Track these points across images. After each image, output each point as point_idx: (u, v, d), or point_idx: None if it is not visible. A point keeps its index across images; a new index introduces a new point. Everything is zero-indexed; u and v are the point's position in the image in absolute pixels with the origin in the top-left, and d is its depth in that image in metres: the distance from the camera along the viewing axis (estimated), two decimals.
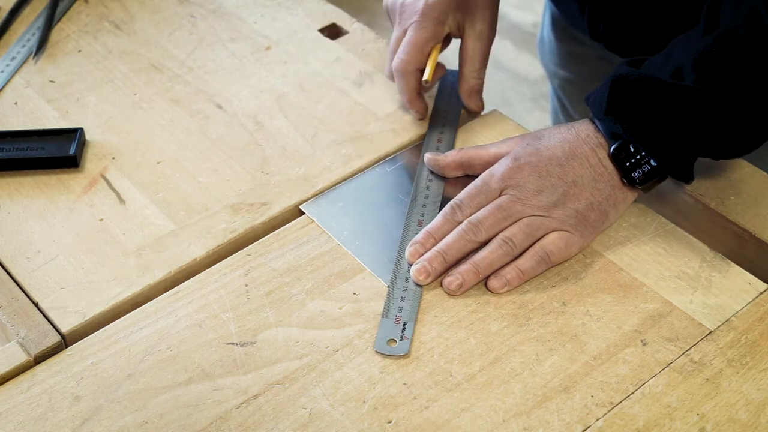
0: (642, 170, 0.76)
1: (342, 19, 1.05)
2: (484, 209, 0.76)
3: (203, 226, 0.82)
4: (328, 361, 0.71)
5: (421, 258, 0.76)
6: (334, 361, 0.71)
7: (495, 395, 0.68)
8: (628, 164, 0.76)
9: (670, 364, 0.69)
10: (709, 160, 0.81)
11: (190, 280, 0.77)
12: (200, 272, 0.78)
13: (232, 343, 0.72)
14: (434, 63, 0.90)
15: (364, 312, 0.74)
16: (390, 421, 0.67)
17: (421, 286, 0.75)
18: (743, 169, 0.84)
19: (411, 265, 0.76)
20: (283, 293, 0.76)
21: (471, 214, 0.77)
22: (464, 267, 0.75)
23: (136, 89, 0.96)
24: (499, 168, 0.78)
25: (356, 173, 0.86)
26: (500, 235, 0.75)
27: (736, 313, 0.73)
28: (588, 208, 0.76)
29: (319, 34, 1.03)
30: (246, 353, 0.71)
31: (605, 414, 0.67)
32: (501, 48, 2.47)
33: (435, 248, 0.76)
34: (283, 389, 0.69)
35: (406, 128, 0.91)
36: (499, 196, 0.77)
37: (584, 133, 0.78)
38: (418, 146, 0.89)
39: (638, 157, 0.76)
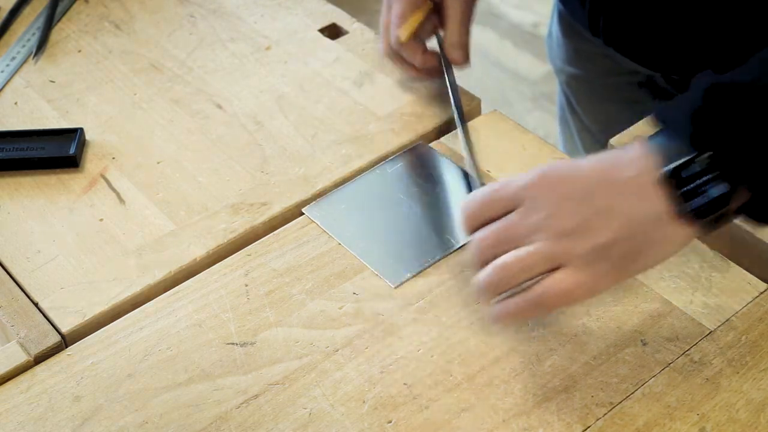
0: (708, 197, 0.61)
1: (342, 19, 1.05)
2: (486, 228, 0.65)
3: (203, 226, 0.82)
4: (328, 361, 0.71)
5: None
6: (334, 361, 0.71)
7: (495, 395, 0.68)
8: (686, 189, 0.61)
9: (670, 364, 0.69)
10: None
11: (190, 280, 0.77)
12: (200, 272, 0.78)
13: (232, 343, 0.72)
14: (413, 24, 0.89)
15: (364, 312, 0.74)
16: (390, 421, 0.67)
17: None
18: None
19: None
20: (283, 293, 0.76)
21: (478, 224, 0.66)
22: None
23: (136, 89, 0.96)
24: (520, 177, 0.66)
25: (356, 173, 0.86)
26: (495, 262, 0.64)
27: (736, 313, 0.73)
28: (613, 243, 0.62)
29: (319, 34, 1.03)
30: (246, 353, 0.71)
31: (605, 414, 0.67)
32: (501, 48, 2.47)
33: None
34: (283, 389, 0.69)
35: (406, 128, 0.91)
36: (511, 210, 0.65)
37: (631, 154, 0.63)
38: (418, 146, 0.89)
39: (701, 180, 0.61)
